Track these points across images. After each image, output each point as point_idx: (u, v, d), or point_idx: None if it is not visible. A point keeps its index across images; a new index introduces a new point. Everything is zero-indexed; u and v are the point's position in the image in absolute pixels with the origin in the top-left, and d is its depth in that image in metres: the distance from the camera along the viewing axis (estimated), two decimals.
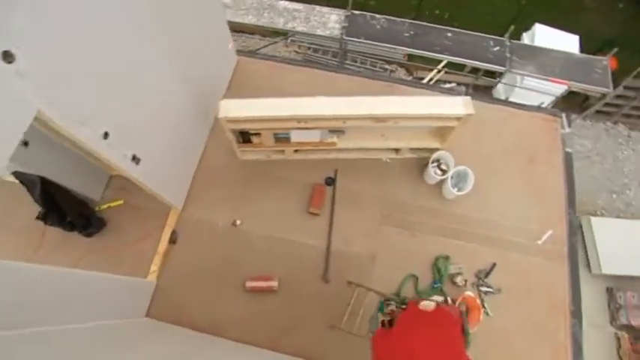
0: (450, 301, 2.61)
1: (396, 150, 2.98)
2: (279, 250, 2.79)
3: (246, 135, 2.76)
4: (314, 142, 2.81)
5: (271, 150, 2.91)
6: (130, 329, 2.41)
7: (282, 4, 3.79)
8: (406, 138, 2.86)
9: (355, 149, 2.93)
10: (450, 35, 3.73)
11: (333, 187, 2.96)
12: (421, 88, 3.30)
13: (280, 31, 4.50)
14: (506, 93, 5.66)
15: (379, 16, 3.74)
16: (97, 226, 2.81)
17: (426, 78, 6.14)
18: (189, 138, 2.94)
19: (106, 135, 1.87)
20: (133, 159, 2.16)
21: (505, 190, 3.10)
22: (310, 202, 2.87)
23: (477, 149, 3.20)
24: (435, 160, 2.95)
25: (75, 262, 2.72)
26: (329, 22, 3.68)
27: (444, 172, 2.91)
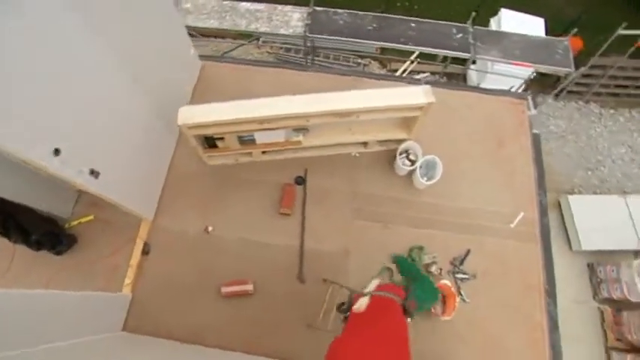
0: None
1: (364, 143, 2.98)
2: (252, 254, 2.78)
3: (211, 140, 2.74)
4: (280, 143, 2.80)
5: (238, 153, 2.89)
6: (107, 345, 2.38)
7: (244, 5, 3.76)
8: (373, 131, 2.87)
9: (323, 146, 2.92)
10: (414, 25, 3.74)
11: (303, 186, 2.96)
12: (386, 80, 3.30)
13: (248, 33, 4.48)
14: (479, 79, 5.70)
15: (342, 11, 3.74)
16: (68, 244, 2.77)
17: (400, 70, 6.16)
18: (154, 148, 2.91)
19: (57, 151, 1.83)
20: (91, 173, 2.12)
21: (475, 176, 3.12)
22: (281, 203, 2.86)
23: (446, 137, 3.22)
24: (404, 151, 2.96)
25: (46, 282, 2.69)
26: (291, 20, 3.67)
27: (412, 162, 2.92)
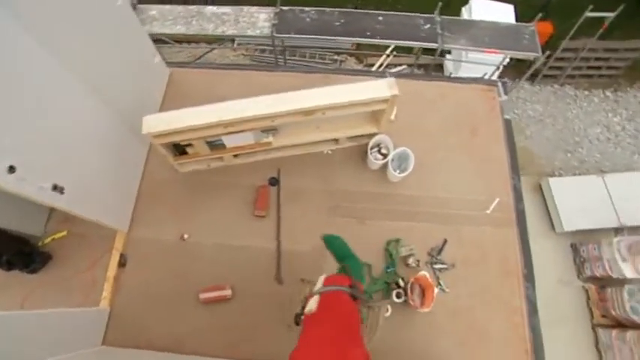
0: (403, 284, 2.63)
1: (335, 140, 2.98)
2: (229, 258, 2.76)
3: (180, 147, 2.72)
4: (250, 145, 2.78)
5: (209, 158, 2.86)
6: None
7: (210, 9, 3.72)
8: (342, 127, 2.86)
9: (294, 145, 2.91)
10: (381, 19, 3.74)
11: (277, 187, 2.95)
12: (356, 75, 3.30)
13: (218, 37, 4.45)
14: (455, 68, 5.73)
15: (308, 9, 3.72)
16: (41, 261, 2.73)
17: (376, 64, 6.16)
18: (125, 158, 2.88)
19: (12, 169, 1.80)
20: (54, 189, 2.09)
21: (450, 165, 3.13)
22: (255, 205, 2.85)
23: (419, 128, 3.23)
24: (375, 145, 2.96)
25: (21, 302, 2.65)
26: (258, 21, 3.65)
27: (384, 156, 2.92)
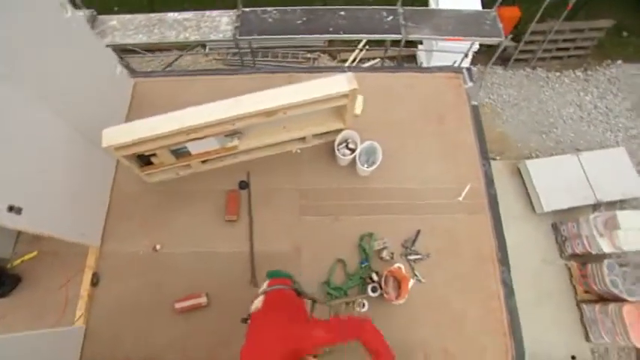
0: (376, 278, 2.63)
1: (303, 139, 2.96)
2: (203, 265, 2.74)
3: (145, 157, 2.68)
4: (215, 150, 2.76)
5: (176, 167, 2.83)
6: None
7: (172, 16, 3.68)
8: (308, 125, 2.85)
9: (261, 147, 2.89)
10: (344, 14, 3.73)
11: (247, 190, 2.93)
12: (323, 72, 3.27)
13: (183, 44, 4.41)
14: (427, 59, 5.74)
15: (270, 9, 3.69)
16: (11, 284, 2.69)
17: (349, 59, 6.15)
18: (91, 173, 2.82)
19: None
20: (10, 210, 2.05)
21: (420, 155, 3.14)
22: (225, 210, 2.82)
23: (388, 120, 3.24)
24: (343, 141, 2.95)
25: None
26: (220, 25, 3.61)
27: (352, 150, 2.91)
